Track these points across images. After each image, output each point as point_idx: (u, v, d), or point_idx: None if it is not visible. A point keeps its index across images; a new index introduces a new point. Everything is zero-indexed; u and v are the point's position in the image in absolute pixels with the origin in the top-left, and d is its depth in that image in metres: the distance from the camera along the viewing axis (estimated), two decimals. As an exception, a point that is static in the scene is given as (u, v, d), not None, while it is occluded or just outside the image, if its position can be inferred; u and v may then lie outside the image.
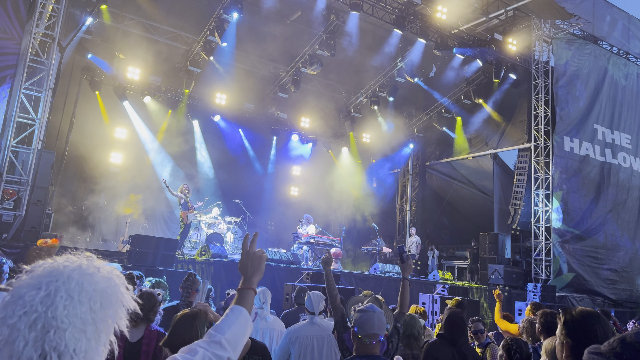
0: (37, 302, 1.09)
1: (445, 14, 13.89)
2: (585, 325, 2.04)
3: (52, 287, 1.12)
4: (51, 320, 1.09)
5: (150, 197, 14.82)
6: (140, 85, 15.11)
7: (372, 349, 2.80)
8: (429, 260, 17.85)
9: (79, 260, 1.20)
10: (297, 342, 4.07)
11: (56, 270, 1.15)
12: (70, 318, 1.11)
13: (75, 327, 1.11)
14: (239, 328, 1.59)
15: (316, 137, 18.96)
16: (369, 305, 2.97)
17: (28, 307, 1.09)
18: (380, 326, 2.84)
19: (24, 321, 1.08)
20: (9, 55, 9.83)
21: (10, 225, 8.73)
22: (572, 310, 2.12)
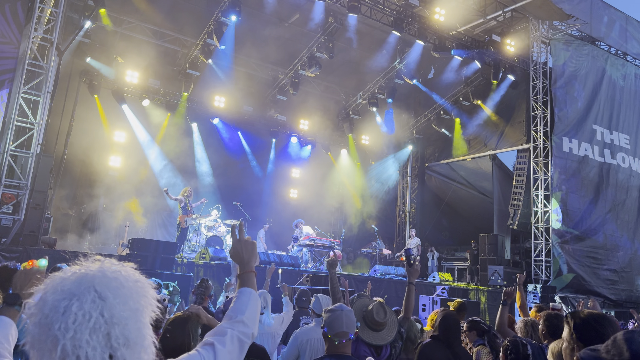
0: (88, 309, 1.11)
1: (443, 15, 13.91)
2: (597, 329, 2.01)
3: (93, 291, 1.13)
4: (110, 319, 1.12)
5: (150, 201, 14.81)
6: (139, 88, 15.11)
7: (343, 349, 2.79)
8: (429, 262, 17.85)
9: (95, 264, 1.23)
10: (308, 345, 4.03)
11: (84, 276, 1.17)
12: (127, 312, 1.14)
13: (134, 319, 1.15)
14: (253, 307, 1.72)
15: (315, 139, 18.96)
16: (338, 305, 2.97)
17: (81, 317, 1.10)
18: (349, 325, 2.83)
19: (83, 330, 1.09)
20: (7, 59, 9.84)
21: (10, 229, 8.73)
22: (581, 314, 2.09)
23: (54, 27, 9.64)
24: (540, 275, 14.34)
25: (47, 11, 9.70)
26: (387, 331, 3.48)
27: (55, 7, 9.75)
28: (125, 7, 13.99)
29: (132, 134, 15.40)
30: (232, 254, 1.89)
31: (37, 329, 1.11)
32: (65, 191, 13.70)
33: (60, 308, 1.10)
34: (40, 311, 1.12)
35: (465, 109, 17.80)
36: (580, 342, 1.98)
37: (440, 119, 18.53)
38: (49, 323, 1.09)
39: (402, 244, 18.43)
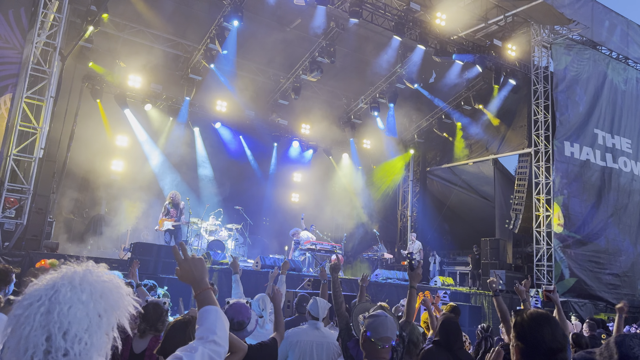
0: (42, 293, 1.18)
1: (444, 20, 13.95)
2: (534, 328, 2.01)
3: (58, 282, 1.21)
4: (55, 303, 1.17)
5: (152, 205, 14.84)
6: (141, 93, 15.17)
7: (383, 354, 2.82)
8: (431, 266, 17.84)
9: (77, 268, 1.28)
10: (297, 346, 4.05)
11: (56, 279, 1.23)
12: (73, 301, 1.19)
13: (78, 309, 1.18)
14: (222, 325, 1.68)
15: (317, 143, 18.99)
16: (380, 311, 3.00)
17: (34, 298, 1.17)
18: (392, 330, 2.87)
19: (29, 325, 1.15)
20: (10, 64, 9.90)
21: (12, 233, 8.76)
22: (524, 313, 2.11)
23: (57, 32, 9.69)
24: (542, 280, 14.31)
25: (50, 16, 9.76)
26: None
27: (58, 13, 9.81)
28: (127, 12, 14.05)
29: (135, 138, 15.45)
30: (181, 276, 1.78)
31: (13, 317, 1.19)
32: (67, 195, 13.74)
33: (24, 303, 1.19)
34: (16, 306, 1.21)
35: (466, 113, 17.83)
36: (519, 341, 1.99)
37: (441, 123, 18.56)
38: (17, 314, 1.18)
39: (403, 248, 18.42)
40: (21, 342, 1.13)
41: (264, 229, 16.77)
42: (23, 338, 1.13)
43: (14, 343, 1.14)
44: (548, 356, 1.90)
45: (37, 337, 1.13)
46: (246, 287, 5.95)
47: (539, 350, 1.91)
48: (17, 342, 1.13)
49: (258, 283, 9.71)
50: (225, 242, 13.82)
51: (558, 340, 1.94)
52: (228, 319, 3.29)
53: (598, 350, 1.58)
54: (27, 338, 1.13)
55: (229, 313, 3.37)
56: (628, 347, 1.49)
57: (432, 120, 18.86)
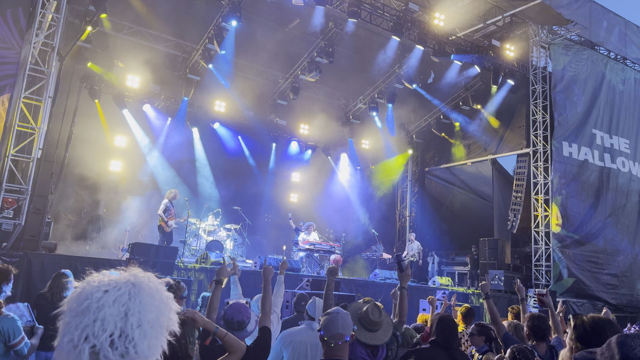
0: (121, 284, 1.26)
1: (442, 20, 13.96)
2: (599, 331, 2.02)
3: (133, 279, 1.28)
4: (135, 295, 1.25)
5: (150, 205, 14.82)
6: (139, 93, 15.15)
7: (339, 352, 2.80)
8: (429, 266, 17.86)
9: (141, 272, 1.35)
10: (291, 346, 4.04)
11: (128, 272, 1.31)
12: (148, 298, 1.27)
13: (151, 307, 1.26)
14: None
15: (315, 143, 19.00)
16: (334, 308, 2.98)
17: (111, 286, 1.25)
18: (345, 326, 2.84)
19: (111, 295, 1.23)
20: (8, 64, 9.89)
21: (10, 234, 8.74)
22: (584, 316, 2.11)
23: (55, 32, 9.68)
24: (541, 280, 14.33)
25: (49, 16, 9.74)
26: (382, 331, 3.49)
27: (56, 13, 9.79)
28: (126, 12, 14.03)
29: (133, 138, 15.43)
30: None
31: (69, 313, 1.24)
32: (65, 196, 13.72)
33: (93, 295, 1.24)
34: (72, 300, 1.26)
35: (465, 113, 17.85)
36: (580, 343, 1.99)
37: (440, 124, 18.58)
38: (80, 305, 1.23)
39: (402, 248, 18.43)
40: (97, 323, 1.18)
41: (263, 229, 16.75)
42: (99, 320, 1.18)
43: (88, 320, 1.18)
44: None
45: (115, 321, 1.19)
46: (244, 287, 5.95)
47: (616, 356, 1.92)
48: (92, 320, 1.18)
49: (257, 283, 9.69)
50: (224, 242, 13.80)
51: None
52: (228, 319, 3.30)
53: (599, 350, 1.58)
54: (104, 320, 1.18)
55: (229, 313, 3.37)
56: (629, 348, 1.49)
57: (431, 120, 18.88)
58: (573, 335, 2.04)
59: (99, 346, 1.16)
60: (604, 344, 1.59)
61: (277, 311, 5.01)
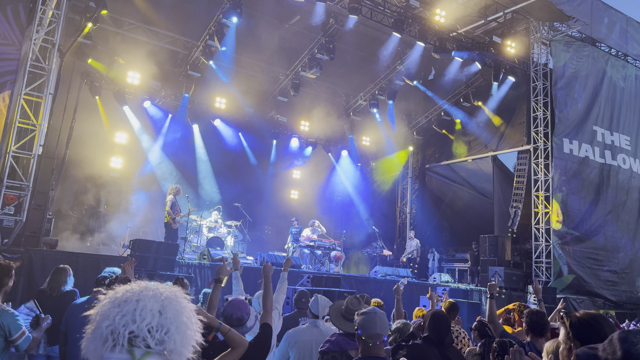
0: (156, 292, 1.33)
1: (443, 17, 13.93)
2: (595, 326, 2.03)
3: (135, 300, 1.32)
4: (167, 303, 1.32)
5: (151, 201, 14.84)
6: (140, 89, 15.15)
7: (377, 350, 2.83)
8: (430, 263, 17.88)
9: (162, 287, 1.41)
10: (297, 346, 4.05)
11: (132, 293, 1.35)
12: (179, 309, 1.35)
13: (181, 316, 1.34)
14: None
15: (316, 140, 18.99)
16: (371, 308, 3.00)
17: (148, 292, 1.33)
18: (382, 326, 2.87)
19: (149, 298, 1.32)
20: (9, 60, 9.87)
21: (11, 230, 8.75)
22: (577, 313, 2.11)
23: (56, 28, 9.66)
24: (541, 277, 14.35)
25: (49, 13, 9.72)
26: None
27: (57, 9, 9.78)
28: (126, 9, 14.02)
29: (133, 135, 15.44)
30: None
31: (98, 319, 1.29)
32: (66, 192, 13.74)
33: (116, 304, 1.30)
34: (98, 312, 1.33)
35: (465, 110, 17.83)
36: (578, 340, 1.99)
37: (440, 120, 18.56)
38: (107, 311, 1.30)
39: (402, 245, 18.45)
40: (137, 312, 1.25)
41: (264, 225, 16.78)
42: (139, 309, 1.26)
43: (129, 308, 1.26)
44: None
45: (152, 313, 1.27)
46: (245, 284, 5.96)
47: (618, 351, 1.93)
48: (132, 309, 1.25)
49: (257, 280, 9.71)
50: (225, 238, 13.82)
51: None
52: (227, 315, 3.31)
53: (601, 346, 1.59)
54: (143, 310, 1.26)
55: (228, 309, 3.38)
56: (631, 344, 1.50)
57: (431, 117, 18.87)
58: (570, 333, 2.03)
59: (137, 332, 1.22)
60: (605, 340, 1.60)
61: (279, 308, 5.02)
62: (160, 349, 1.23)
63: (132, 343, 1.21)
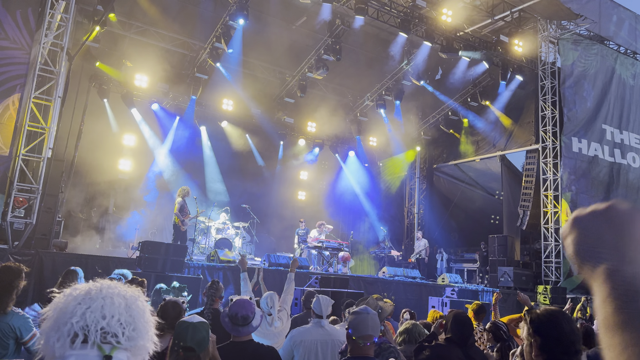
0: (95, 304, 1.25)
1: (450, 16, 13.88)
2: (552, 321, 2.09)
3: (101, 297, 1.28)
4: (114, 314, 1.25)
5: (159, 203, 14.91)
6: (148, 92, 15.23)
7: (366, 351, 2.82)
8: (438, 263, 17.82)
9: (102, 283, 1.35)
10: (302, 345, 4.05)
11: (92, 288, 1.30)
12: (131, 312, 1.28)
13: (137, 324, 1.28)
14: None
15: (323, 141, 18.99)
16: (363, 307, 2.99)
17: (90, 309, 1.24)
18: (374, 327, 2.86)
19: (90, 310, 1.24)
20: (19, 64, 9.97)
21: (22, 232, 8.82)
22: (537, 310, 2.20)
23: (64, 32, 9.74)
24: (551, 277, 14.26)
25: (57, 17, 9.81)
26: None
27: (65, 13, 9.86)
28: (134, 12, 14.11)
29: (142, 137, 15.53)
30: None
31: (50, 323, 1.24)
32: (75, 194, 13.82)
33: (69, 307, 1.24)
34: (54, 310, 1.27)
35: (473, 109, 17.76)
36: (537, 335, 2.05)
37: (448, 120, 18.50)
38: (61, 315, 1.24)
39: (410, 246, 18.40)
40: (105, 308, 1.22)
41: (272, 227, 16.79)
42: (107, 305, 1.23)
43: (97, 305, 1.23)
44: (568, 347, 2.01)
45: (119, 310, 1.24)
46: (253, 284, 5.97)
47: (560, 342, 2.02)
48: (100, 305, 1.22)
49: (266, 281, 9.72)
50: (233, 240, 13.86)
51: (575, 332, 2.07)
52: (232, 314, 3.32)
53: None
54: (112, 305, 1.23)
55: (233, 309, 3.39)
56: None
57: (439, 117, 18.81)
58: (530, 329, 2.09)
59: (108, 328, 1.21)
60: (546, 333, 1.63)
61: (287, 308, 5.02)
62: (129, 345, 1.25)
63: (103, 339, 1.23)
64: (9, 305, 3.76)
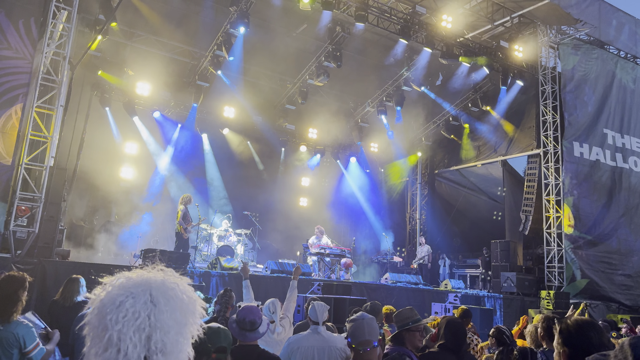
0: (139, 309, 1.22)
1: (450, 22, 13.93)
2: (581, 333, 2.08)
3: (148, 295, 1.25)
4: (155, 323, 1.23)
5: (161, 211, 14.92)
6: (149, 100, 15.29)
7: (369, 357, 2.79)
8: (440, 269, 17.77)
9: (159, 273, 1.35)
10: (299, 352, 4.04)
11: (145, 281, 1.29)
12: (171, 321, 1.25)
13: (175, 330, 1.25)
14: None
15: (324, 147, 19.02)
16: (359, 314, 2.98)
17: (130, 314, 1.21)
18: (371, 332, 2.83)
19: (129, 326, 1.21)
20: (21, 74, 10.03)
21: (25, 241, 8.83)
22: (568, 320, 2.17)
23: (66, 42, 9.79)
24: (554, 282, 14.21)
25: (60, 26, 9.87)
26: None
27: (67, 22, 9.92)
28: (135, 21, 14.18)
29: (143, 145, 15.57)
30: None
31: (94, 316, 1.25)
32: (78, 203, 13.85)
33: (116, 302, 1.23)
34: (100, 300, 1.25)
35: (474, 115, 17.78)
36: (566, 346, 2.04)
37: (449, 126, 18.52)
38: (104, 312, 1.22)
39: (412, 251, 18.37)
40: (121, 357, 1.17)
41: (273, 234, 16.79)
42: (123, 354, 1.18)
43: (114, 356, 1.18)
44: None
45: (139, 354, 1.20)
46: (256, 292, 5.97)
47: (587, 354, 2.00)
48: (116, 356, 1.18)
49: (268, 288, 9.72)
50: (235, 247, 13.85)
51: (604, 343, 2.06)
52: (240, 319, 3.34)
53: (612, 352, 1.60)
54: (130, 356, 1.19)
55: (241, 314, 3.40)
56: None
57: (440, 122, 18.83)
58: (559, 339, 2.08)
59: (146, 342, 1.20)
60: (617, 347, 1.60)
61: (290, 316, 5.02)
62: None
63: None
64: (13, 315, 3.76)
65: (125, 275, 1.30)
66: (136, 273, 1.30)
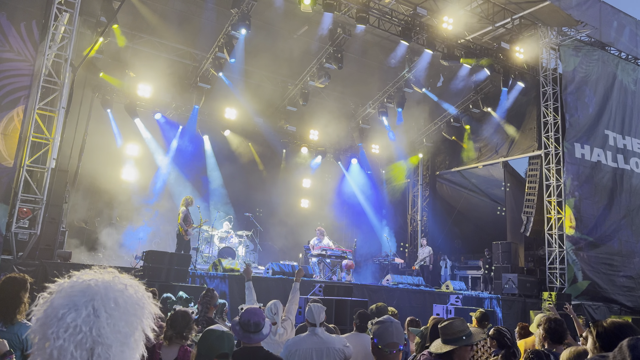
0: (80, 323, 1.18)
1: (451, 24, 13.95)
2: (620, 336, 2.00)
3: (91, 307, 1.20)
4: (97, 338, 1.18)
5: (163, 213, 14.93)
6: (151, 102, 15.31)
7: (393, 359, 2.83)
8: (442, 271, 17.76)
9: (105, 276, 1.28)
10: (297, 354, 4.05)
11: (89, 289, 1.23)
12: (114, 334, 1.20)
13: (119, 342, 1.20)
14: None
15: (325, 149, 19.03)
16: (387, 317, 3.01)
17: (72, 329, 1.17)
18: (398, 335, 2.87)
19: (70, 341, 1.16)
20: (23, 76, 10.03)
21: (26, 243, 8.85)
22: (604, 322, 2.10)
23: (68, 44, 9.81)
24: (555, 283, 14.19)
25: (61, 29, 9.89)
26: None
27: (69, 25, 9.94)
28: (137, 23, 14.22)
29: (145, 147, 15.59)
30: None
31: (37, 326, 1.20)
32: (79, 205, 13.86)
33: (58, 314, 1.18)
34: (44, 311, 1.21)
35: (475, 116, 17.79)
36: (603, 350, 1.98)
37: (450, 127, 18.51)
38: (47, 324, 1.18)
39: (414, 253, 18.36)
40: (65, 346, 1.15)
41: (275, 235, 16.79)
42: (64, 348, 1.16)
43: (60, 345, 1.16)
44: None
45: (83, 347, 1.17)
46: (257, 293, 5.97)
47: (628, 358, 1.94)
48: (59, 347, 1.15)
49: (269, 290, 9.72)
50: (236, 248, 13.85)
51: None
52: (244, 321, 3.34)
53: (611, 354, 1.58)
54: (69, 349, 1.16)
55: (245, 316, 3.40)
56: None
57: (441, 123, 18.83)
58: (597, 343, 2.02)
59: None
60: (616, 348, 1.59)
61: (292, 318, 5.02)
62: None
63: None
64: (16, 316, 3.76)
65: (71, 281, 1.25)
66: (83, 277, 1.25)
